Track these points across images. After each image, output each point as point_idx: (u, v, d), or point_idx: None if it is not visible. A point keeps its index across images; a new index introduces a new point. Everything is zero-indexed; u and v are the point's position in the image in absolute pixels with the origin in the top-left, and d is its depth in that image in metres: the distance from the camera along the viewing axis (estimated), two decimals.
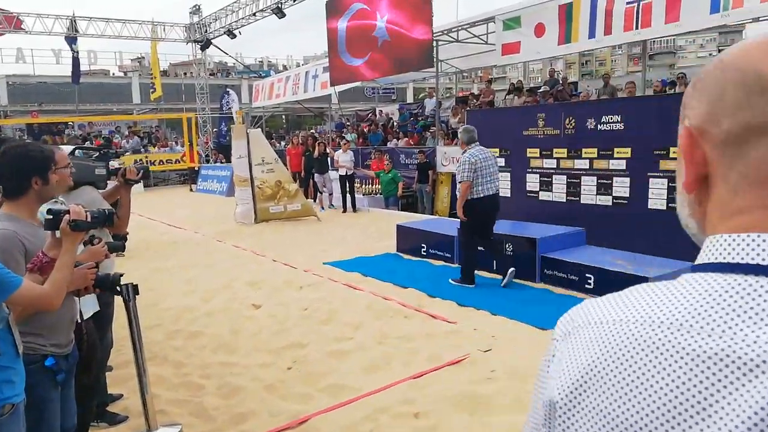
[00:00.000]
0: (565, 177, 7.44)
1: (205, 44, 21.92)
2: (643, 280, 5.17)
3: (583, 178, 7.24)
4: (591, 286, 5.61)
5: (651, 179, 6.52)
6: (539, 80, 22.96)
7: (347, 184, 12.34)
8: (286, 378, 4.01)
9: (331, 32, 14.86)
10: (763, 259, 0.50)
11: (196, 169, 20.47)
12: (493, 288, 6.00)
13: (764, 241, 0.50)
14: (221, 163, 20.74)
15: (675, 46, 60.04)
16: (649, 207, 6.56)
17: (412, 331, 4.76)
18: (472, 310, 5.30)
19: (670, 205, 6.37)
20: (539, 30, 10.98)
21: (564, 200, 7.48)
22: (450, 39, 14.10)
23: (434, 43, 12.84)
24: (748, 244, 0.51)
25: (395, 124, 18.58)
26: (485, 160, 5.93)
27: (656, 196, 6.50)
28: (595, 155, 7.06)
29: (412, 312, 5.28)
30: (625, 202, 6.80)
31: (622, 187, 6.83)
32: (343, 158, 12.27)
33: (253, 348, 4.59)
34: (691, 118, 0.57)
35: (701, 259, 0.55)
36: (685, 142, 0.57)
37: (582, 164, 7.22)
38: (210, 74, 30.95)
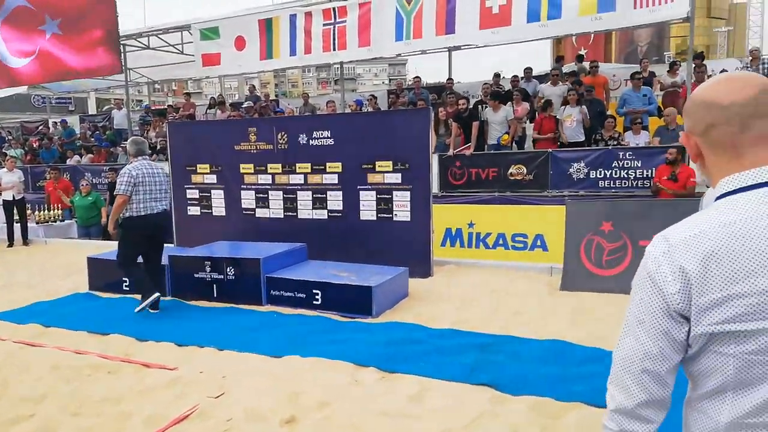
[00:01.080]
0: (281, 193, 7.27)
1: None
2: (367, 289, 5.27)
3: (299, 193, 7.18)
4: (319, 302, 5.48)
5: (361, 192, 6.81)
6: (236, 97, 22.66)
7: (15, 211, 9.90)
8: None
9: None
10: (756, 179, 1.06)
11: None
12: (217, 319, 5.37)
13: (750, 174, 1.06)
14: None
15: (355, 74, 67.60)
16: (361, 218, 6.84)
17: (122, 389, 3.82)
18: (195, 349, 4.59)
19: (379, 215, 6.74)
20: (240, 43, 10.72)
21: (282, 216, 7.29)
22: (140, 45, 12.76)
23: (122, 48, 11.39)
24: (749, 174, 1.06)
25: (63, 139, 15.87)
26: (150, 175, 5.49)
27: (367, 208, 6.81)
28: (309, 170, 7.07)
29: (119, 364, 4.28)
30: (340, 214, 6.96)
31: (336, 200, 6.98)
32: (8, 179, 9.85)
33: None
34: (686, 128, 1.17)
35: (721, 190, 1.09)
36: (684, 140, 1.18)
37: (297, 179, 7.15)
38: None
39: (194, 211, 7.90)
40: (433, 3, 8.73)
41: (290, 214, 7.25)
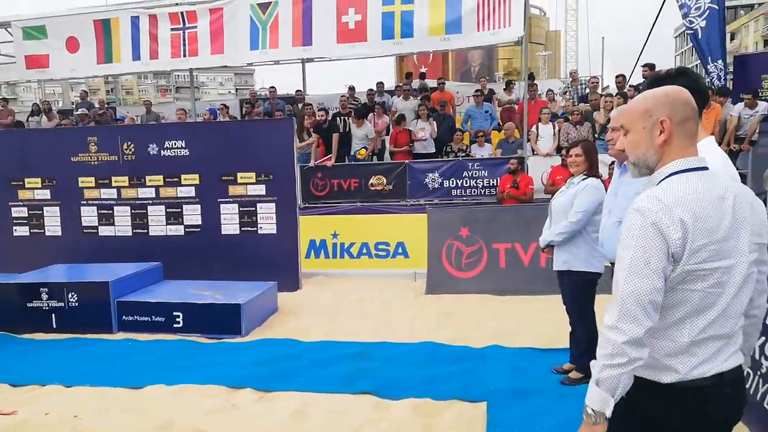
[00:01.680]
0: (129, 208, 6.66)
1: None
2: (235, 307, 5.04)
3: (149, 207, 6.64)
4: (180, 325, 5.11)
5: (222, 205, 6.51)
6: (61, 104, 20.23)
7: None
8: None
9: None
10: (697, 164, 1.51)
11: None
12: (59, 352, 4.74)
13: (694, 159, 1.52)
14: None
15: (199, 82, 64.57)
16: (222, 233, 6.53)
17: None
18: (35, 389, 4.01)
19: (242, 229, 6.49)
20: (72, 44, 9.67)
21: (130, 234, 6.68)
22: None
23: None
24: (694, 160, 1.52)
25: None
26: None
27: (228, 221, 6.53)
28: (162, 183, 6.59)
29: None
30: (198, 230, 6.58)
31: (193, 214, 6.58)
32: None
33: None
34: (661, 114, 1.52)
35: (675, 168, 1.51)
36: (667, 124, 1.51)
37: (147, 193, 6.61)
38: None
39: (22, 231, 6.94)
40: (288, 15, 8.67)
41: (140, 231, 6.68)
